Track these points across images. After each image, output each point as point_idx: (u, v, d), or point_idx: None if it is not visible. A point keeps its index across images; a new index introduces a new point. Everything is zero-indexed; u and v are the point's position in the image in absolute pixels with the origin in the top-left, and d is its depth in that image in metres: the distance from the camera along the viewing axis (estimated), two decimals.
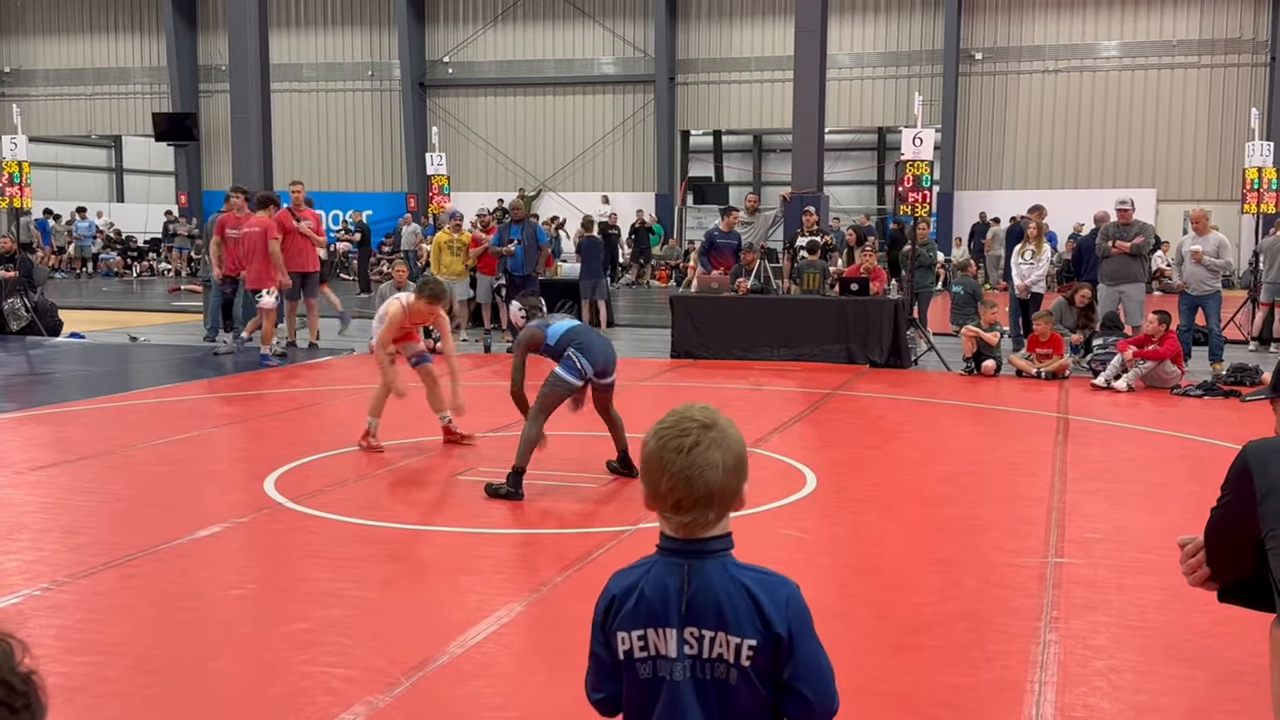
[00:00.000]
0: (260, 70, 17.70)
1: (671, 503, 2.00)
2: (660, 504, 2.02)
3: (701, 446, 1.99)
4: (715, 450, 1.99)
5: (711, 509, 2.00)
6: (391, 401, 8.46)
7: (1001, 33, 30.64)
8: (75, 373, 12.55)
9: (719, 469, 1.98)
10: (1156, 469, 8.16)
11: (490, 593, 5.29)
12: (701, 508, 1.99)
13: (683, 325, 14.11)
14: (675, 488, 1.98)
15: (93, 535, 6.19)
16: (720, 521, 2.03)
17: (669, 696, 2.02)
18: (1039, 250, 14.40)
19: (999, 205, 29.30)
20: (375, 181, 35.12)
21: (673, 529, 2.03)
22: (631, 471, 7.36)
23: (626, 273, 29.96)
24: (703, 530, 2.02)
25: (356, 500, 6.94)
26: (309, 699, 4.05)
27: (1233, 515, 2.71)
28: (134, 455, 8.27)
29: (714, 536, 2.03)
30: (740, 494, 2.03)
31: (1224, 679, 4.33)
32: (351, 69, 35.01)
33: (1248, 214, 21.01)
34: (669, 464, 1.99)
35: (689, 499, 1.98)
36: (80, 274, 31.68)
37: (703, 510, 1.99)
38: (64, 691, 4.14)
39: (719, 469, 1.98)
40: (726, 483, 1.99)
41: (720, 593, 1.98)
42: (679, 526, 2.02)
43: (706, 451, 1.98)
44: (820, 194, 17.52)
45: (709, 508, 1.99)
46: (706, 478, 1.97)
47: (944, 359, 13.34)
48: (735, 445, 2.02)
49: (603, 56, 33.34)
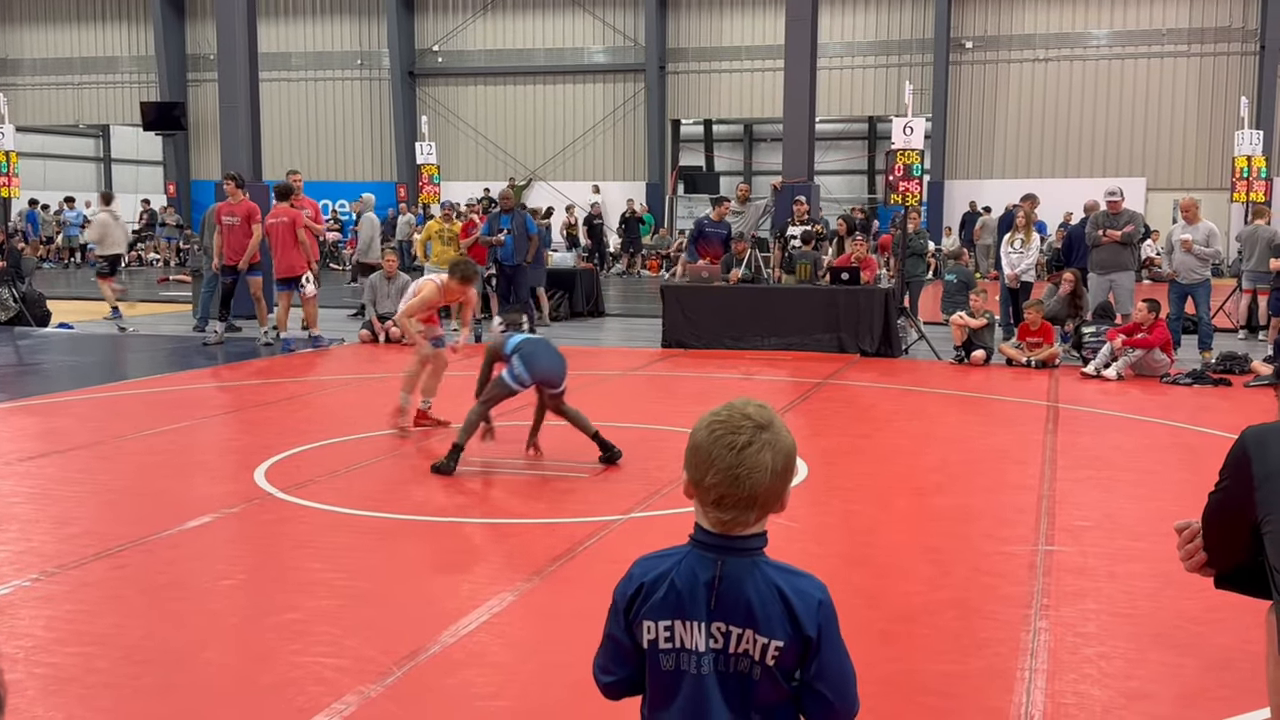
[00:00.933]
0: (249, 59, 17.58)
1: (714, 498, 1.98)
2: (702, 496, 2.00)
3: (754, 448, 1.96)
4: (767, 452, 1.96)
5: (754, 510, 1.98)
6: (391, 393, 8.48)
7: (992, 21, 30.65)
8: (64, 363, 12.50)
9: (767, 472, 1.96)
10: (1146, 457, 8.18)
11: (482, 582, 5.29)
12: (744, 508, 1.97)
13: (674, 314, 14.10)
14: (720, 484, 1.96)
15: (82, 526, 6.17)
16: (760, 522, 2.01)
17: (691, 689, 2.01)
18: (1028, 239, 14.42)
19: (989, 194, 29.34)
20: (364, 171, 35.01)
21: (710, 523, 2.01)
22: (611, 453, 7.49)
23: (617, 262, 29.94)
24: (741, 529, 2.00)
25: (347, 490, 6.93)
26: (300, 689, 4.05)
27: (1230, 500, 2.71)
28: (123, 446, 8.24)
29: (750, 535, 2.02)
30: (783, 497, 2.01)
31: (1214, 665, 4.34)
32: (340, 58, 34.89)
33: (1237, 202, 21.09)
34: (718, 460, 1.96)
35: (733, 498, 1.96)
36: (68, 264, 31.55)
37: (745, 511, 1.98)
38: (54, 682, 4.12)
39: (767, 472, 1.96)
40: (773, 486, 1.97)
41: (752, 592, 1.97)
42: (717, 522, 2.00)
43: (759, 454, 1.96)
44: (811, 183, 17.49)
45: (751, 509, 1.98)
46: (754, 479, 1.95)
47: (934, 348, 13.36)
48: (787, 449, 2.00)
49: (593, 45, 33.27)
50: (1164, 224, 28.39)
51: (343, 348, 13.97)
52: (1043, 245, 20.39)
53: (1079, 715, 3.91)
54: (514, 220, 15.05)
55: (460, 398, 8.61)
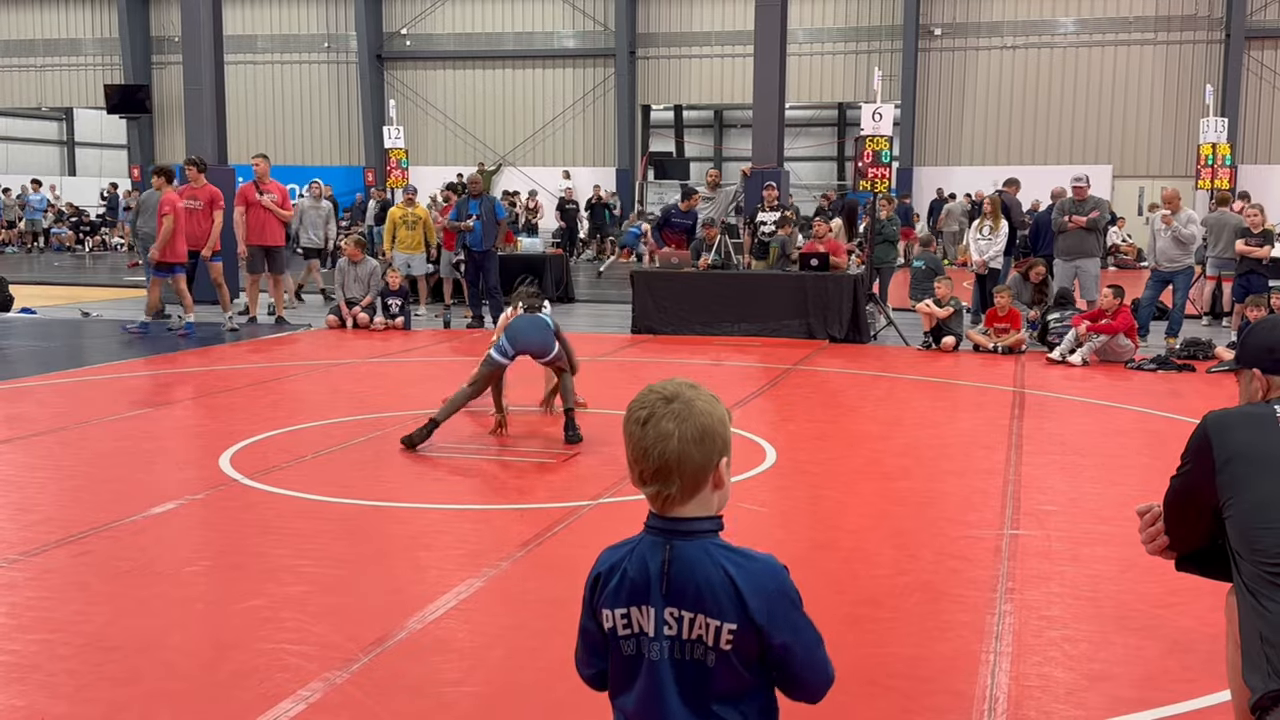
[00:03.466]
0: (213, 41, 17.40)
1: (636, 474, 2.03)
2: (632, 477, 2.04)
3: (655, 418, 1.99)
4: (670, 422, 1.99)
5: (673, 481, 1.99)
6: (359, 379, 8.44)
7: (960, 8, 30.74)
8: (27, 348, 12.36)
9: (674, 439, 1.98)
10: (1110, 442, 8.25)
11: (449, 568, 5.28)
12: (661, 480, 1.99)
13: (643, 301, 14.09)
14: (637, 460, 2.01)
15: (45, 512, 6.11)
16: (694, 498, 2.02)
17: (648, 675, 2.03)
18: (996, 226, 14.49)
19: (958, 181, 29.47)
20: (332, 155, 34.76)
21: (652, 505, 2.05)
22: (574, 434, 7.69)
23: (587, 248, 29.85)
24: (675, 506, 2.02)
25: (314, 477, 6.89)
26: (265, 675, 4.02)
27: (1192, 484, 2.75)
28: (87, 431, 8.16)
29: (697, 518, 2.02)
30: (711, 467, 2.01)
31: (1176, 648, 4.39)
32: (307, 41, 34.60)
33: (1201, 189, 21.27)
34: (630, 436, 2.02)
35: (648, 470, 2.00)
36: (31, 249, 31.19)
37: (664, 482, 1.99)
38: (16, 669, 4.09)
39: (674, 439, 1.98)
40: (685, 453, 1.98)
41: (700, 575, 1.98)
42: (652, 500, 2.04)
43: (660, 422, 1.99)
44: (781, 169, 17.50)
45: (669, 480, 1.99)
46: (661, 448, 1.98)
47: (903, 334, 13.42)
48: (698, 418, 2.00)
49: (563, 30, 33.14)
50: (1130, 211, 28.64)
51: (309, 333, 13.88)
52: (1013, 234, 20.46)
53: (1043, 698, 3.95)
54: (482, 206, 14.98)
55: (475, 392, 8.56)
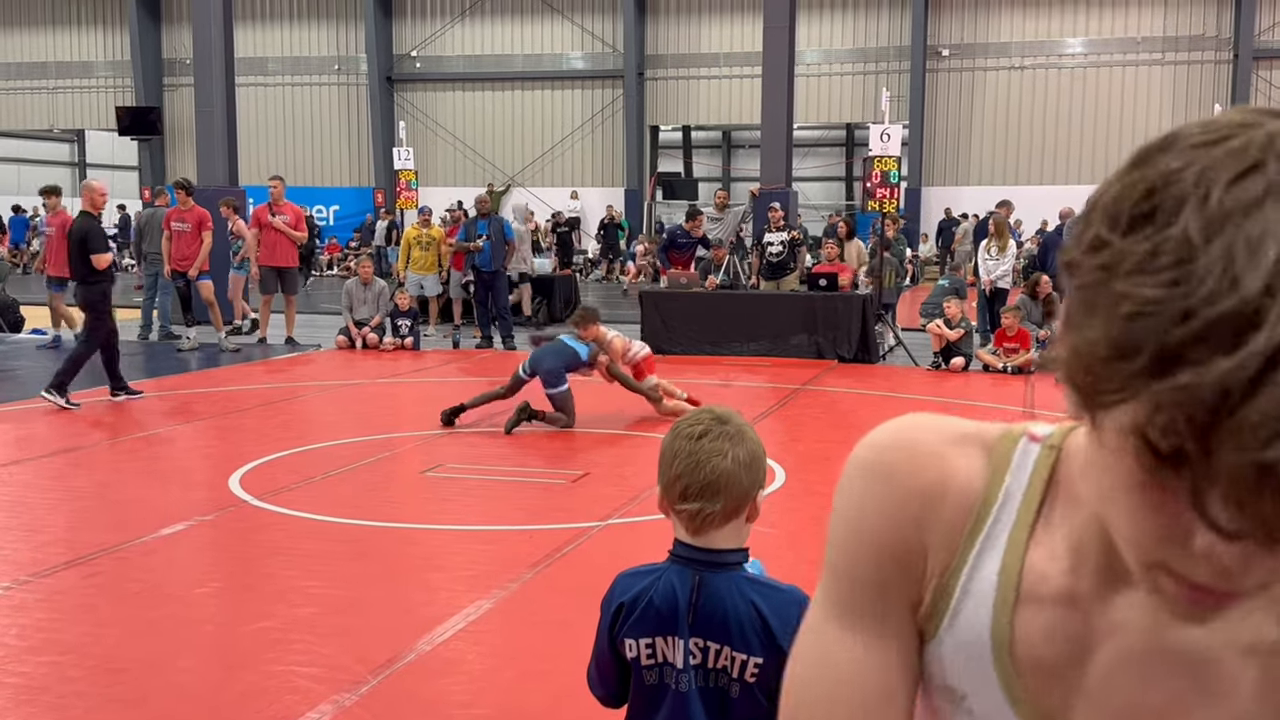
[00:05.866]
0: (225, 64, 17.50)
1: (679, 490, 1.98)
2: (670, 496, 2.01)
3: (711, 435, 1.99)
4: (725, 441, 1.99)
5: (718, 500, 1.97)
6: (368, 400, 8.50)
7: (968, 29, 30.81)
8: (38, 369, 12.39)
9: (727, 458, 1.97)
10: None
11: (459, 590, 5.27)
12: (708, 497, 1.97)
13: (652, 321, 14.09)
14: (684, 473, 1.98)
15: (54, 534, 6.11)
16: (730, 523, 2.01)
17: (674, 705, 2.02)
18: (1004, 246, 14.48)
19: (966, 201, 29.47)
20: (342, 176, 34.89)
21: (685, 529, 2.02)
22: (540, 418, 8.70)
23: (595, 268, 29.90)
24: (710, 529, 2.00)
25: (324, 498, 6.89)
26: (274, 698, 4.02)
27: None
28: (96, 453, 8.18)
29: (727, 550, 2.02)
30: (752, 496, 2.01)
31: None
32: (318, 63, 34.77)
33: None
34: (680, 450, 2.00)
35: (694, 486, 1.97)
36: (42, 270, 31.28)
37: (709, 499, 1.97)
38: (26, 691, 4.08)
39: (727, 458, 1.97)
40: (735, 474, 1.97)
41: (729, 608, 1.98)
42: (688, 521, 2.00)
43: (716, 440, 1.99)
44: (789, 189, 17.53)
45: (715, 498, 1.97)
46: (714, 464, 1.97)
47: (912, 354, 13.40)
48: (750, 444, 2.02)
49: (571, 51, 33.27)
50: None
51: (319, 353, 13.90)
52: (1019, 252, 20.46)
53: None
54: (491, 226, 15.01)
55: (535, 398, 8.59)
